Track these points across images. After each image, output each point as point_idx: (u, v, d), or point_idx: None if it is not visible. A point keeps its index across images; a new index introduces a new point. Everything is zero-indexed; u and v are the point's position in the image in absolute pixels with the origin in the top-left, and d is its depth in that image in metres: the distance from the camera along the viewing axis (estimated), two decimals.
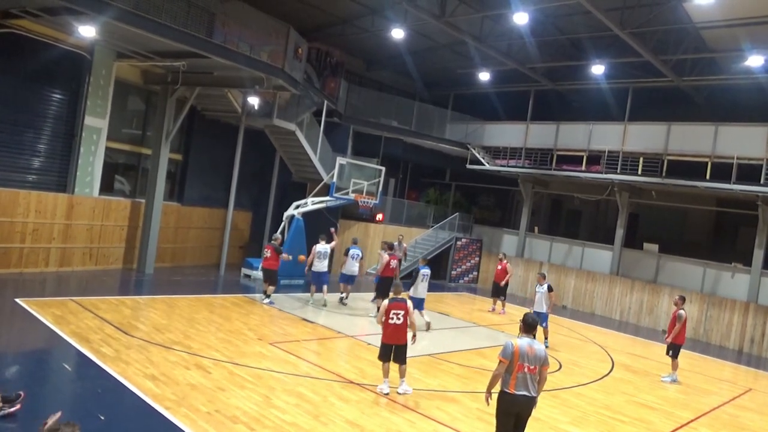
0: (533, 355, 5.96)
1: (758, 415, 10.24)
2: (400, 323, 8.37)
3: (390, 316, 8.35)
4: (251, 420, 6.78)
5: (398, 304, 8.48)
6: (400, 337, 8.39)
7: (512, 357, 5.89)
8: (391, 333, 8.37)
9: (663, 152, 18.50)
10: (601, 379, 11.22)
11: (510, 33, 18.50)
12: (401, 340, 8.41)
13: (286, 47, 14.79)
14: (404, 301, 8.56)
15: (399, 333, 8.39)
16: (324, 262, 14.29)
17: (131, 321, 10.46)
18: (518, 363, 5.89)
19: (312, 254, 14.24)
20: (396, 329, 8.37)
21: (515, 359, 5.89)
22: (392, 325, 8.35)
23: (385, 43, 20.27)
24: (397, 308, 8.41)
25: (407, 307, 8.47)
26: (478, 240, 23.78)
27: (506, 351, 5.93)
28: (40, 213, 13.67)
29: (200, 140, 18.24)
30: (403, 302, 8.51)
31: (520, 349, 5.92)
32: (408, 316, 8.42)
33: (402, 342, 8.42)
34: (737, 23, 15.07)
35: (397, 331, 8.37)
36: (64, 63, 14.05)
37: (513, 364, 5.89)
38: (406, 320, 8.41)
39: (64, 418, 4.38)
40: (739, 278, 17.70)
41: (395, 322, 8.35)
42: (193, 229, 18.21)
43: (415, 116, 23.17)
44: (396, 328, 8.36)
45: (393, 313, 8.36)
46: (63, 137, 14.39)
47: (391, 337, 8.38)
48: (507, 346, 5.97)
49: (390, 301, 8.54)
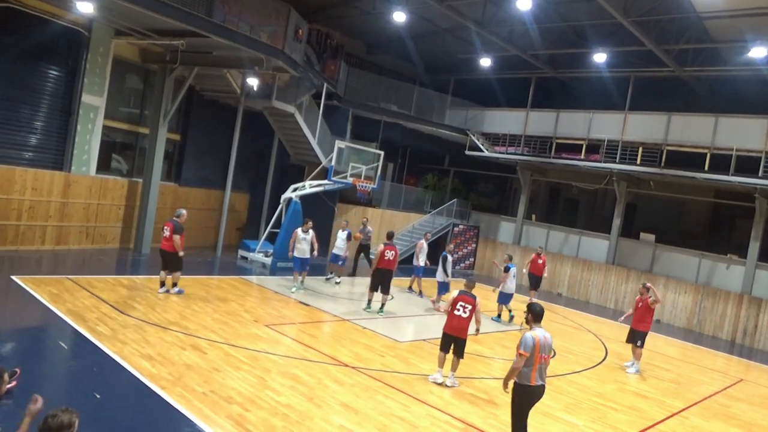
0: (547, 345, 6.04)
1: (748, 405, 10.35)
2: (465, 317, 8.37)
3: (456, 308, 8.38)
4: (246, 401, 6.82)
5: (467, 297, 8.43)
6: (461, 330, 8.41)
7: (533, 350, 5.90)
8: (454, 324, 8.41)
9: (662, 142, 18.48)
10: (595, 367, 11.31)
11: (512, 19, 18.34)
12: (462, 334, 8.43)
13: (287, 28, 14.65)
14: (474, 296, 8.48)
15: (461, 326, 8.39)
16: (306, 247, 13.72)
17: (127, 300, 10.47)
18: (539, 355, 5.93)
19: (294, 237, 13.70)
20: (459, 321, 8.38)
21: (536, 352, 5.91)
22: (456, 316, 8.37)
23: (386, 26, 20.09)
24: (466, 302, 8.38)
25: (475, 303, 8.41)
26: (476, 226, 23.80)
27: (527, 344, 5.91)
28: (36, 191, 13.61)
29: (198, 121, 18.11)
30: (472, 297, 8.44)
31: (541, 342, 5.96)
32: (475, 312, 8.40)
33: (463, 336, 8.44)
34: (741, 14, 14.98)
35: (460, 323, 8.38)
36: (61, 39, 13.88)
37: (533, 356, 5.90)
38: (472, 315, 8.40)
39: (59, 398, 4.39)
40: (734, 270, 17.78)
41: (460, 314, 8.35)
42: (190, 210, 18.12)
43: (414, 101, 23.06)
44: (459, 320, 8.38)
45: (460, 305, 8.37)
46: (60, 115, 14.27)
47: (453, 329, 8.41)
48: (528, 340, 5.94)
49: (460, 292, 8.52)
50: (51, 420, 3.60)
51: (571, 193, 24.46)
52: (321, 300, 13.22)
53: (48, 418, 3.65)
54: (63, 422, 3.60)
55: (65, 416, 3.62)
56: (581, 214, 25.18)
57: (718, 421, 9.09)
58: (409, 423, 6.98)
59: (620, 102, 20.31)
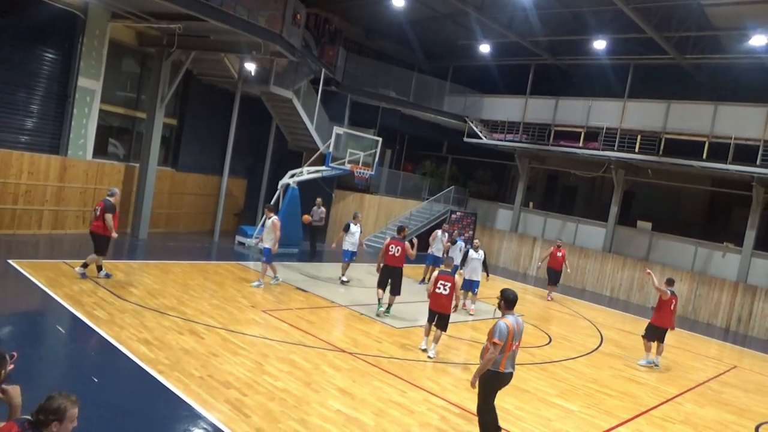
0: (519, 332, 6.01)
1: (742, 391, 10.44)
2: (446, 294, 9.18)
3: (437, 286, 9.21)
4: (243, 386, 6.85)
5: (447, 276, 9.28)
6: (442, 305, 9.22)
7: (507, 338, 5.85)
8: (435, 302, 9.26)
9: (661, 130, 18.45)
10: (590, 354, 11.38)
11: (512, 4, 18.19)
12: (444, 310, 9.24)
13: (285, 12, 14.52)
14: (452, 275, 9.38)
15: (442, 302, 9.20)
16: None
17: (125, 285, 10.47)
18: (511, 342, 5.89)
19: (278, 228, 12.40)
20: (440, 298, 9.21)
21: (509, 339, 5.87)
22: (437, 294, 9.23)
23: (385, 11, 19.91)
24: (445, 280, 9.24)
25: (454, 281, 9.29)
26: (473, 213, 23.81)
27: (502, 333, 5.84)
28: (33, 174, 13.55)
29: (196, 105, 18.00)
30: (450, 276, 9.31)
31: (514, 329, 5.92)
32: (454, 289, 9.24)
33: (445, 311, 9.25)
34: (742, 1, 14.86)
35: (440, 300, 9.21)
36: (57, 22, 13.74)
37: (506, 344, 5.85)
38: (452, 292, 9.21)
39: (56, 382, 4.37)
40: (729, 258, 17.86)
41: (441, 291, 9.20)
42: (187, 195, 18.11)
43: (413, 87, 22.94)
44: (440, 297, 9.21)
45: (441, 283, 9.21)
46: (56, 98, 14.17)
47: (435, 305, 9.26)
48: (502, 328, 5.86)
49: (440, 272, 9.40)
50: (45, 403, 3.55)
51: (569, 180, 24.45)
52: (318, 286, 13.24)
53: (47, 399, 3.60)
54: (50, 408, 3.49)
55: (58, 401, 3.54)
56: (579, 201, 25.19)
57: (712, 407, 9.18)
58: (406, 408, 7.02)
59: (619, 89, 20.23)
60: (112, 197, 10.65)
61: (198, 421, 5.88)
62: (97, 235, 10.49)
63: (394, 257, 11.45)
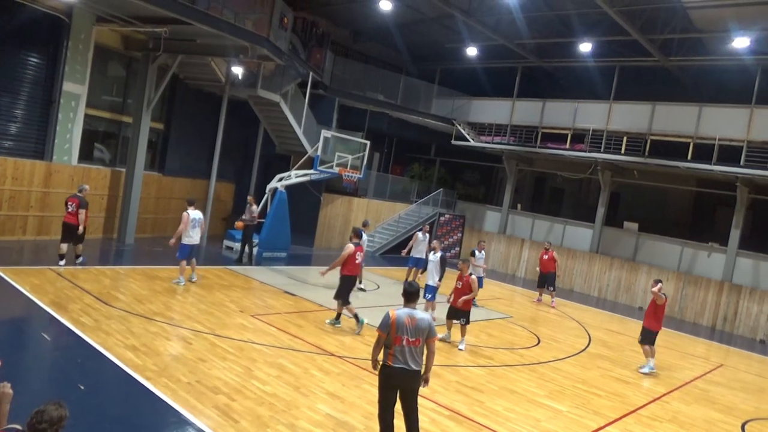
0: (413, 327, 5.53)
1: (728, 389, 10.55)
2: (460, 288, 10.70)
3: (356, 257, 10.59)
4: (232, 391, 6.81)
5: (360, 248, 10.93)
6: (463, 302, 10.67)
7: (389, 329, 5.54)
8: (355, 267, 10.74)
9: (647, 132, 18.63)
10: (578, 354, 11.45)
11: (499, 7, 18.29)
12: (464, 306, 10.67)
13: (272, 16, 14.49)
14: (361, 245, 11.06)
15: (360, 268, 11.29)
16: (197, 231, 11.84)
17: (111, 291, 10.38)
18: (396, 335, 5.53)
19: (184, 222, 11.55)
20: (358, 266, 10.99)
21: (392, 331, 5.54)
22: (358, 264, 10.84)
23: (373, 14, 19.94)
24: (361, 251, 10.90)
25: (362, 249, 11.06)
26: (461, 216, 23.88)
27: (382, 322, 5.61)
28: (17, 180, 13.40)
29: (182, 109, 17.90)
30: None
31: (397, 321, 5.52)
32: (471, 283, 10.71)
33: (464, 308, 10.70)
34: (724, 4, 15.05)
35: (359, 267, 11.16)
36: (41, 26, 13.61)
37: (391, 336, 5.55)
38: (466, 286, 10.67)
39: (43, 390, 4.31)
40: (715, 257, 18.05)
41: (359, 261, 10.81)
42: (174, 200, 17.98)
43: (401, 90, 22.99)
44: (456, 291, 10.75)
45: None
46: (41, 103, 14.03)
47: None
48: (384, 318, 5.61)
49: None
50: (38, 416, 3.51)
51: (556, 182, 24.62)
52: (307, 290, 13.20)
53: (36, 413, 3.55)
54: (52, 418, 3.50)
55: (53, 412, 3.52)
56: (566, 203, 25.38)
57: (699, 405, 9.26)
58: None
59: (605, 91, 20.41)
60: (82, 193, 11.83)
61: (186, 427, 5.84)
62: (73, 226, 11.59)
63: (358, 266, 10.91)
